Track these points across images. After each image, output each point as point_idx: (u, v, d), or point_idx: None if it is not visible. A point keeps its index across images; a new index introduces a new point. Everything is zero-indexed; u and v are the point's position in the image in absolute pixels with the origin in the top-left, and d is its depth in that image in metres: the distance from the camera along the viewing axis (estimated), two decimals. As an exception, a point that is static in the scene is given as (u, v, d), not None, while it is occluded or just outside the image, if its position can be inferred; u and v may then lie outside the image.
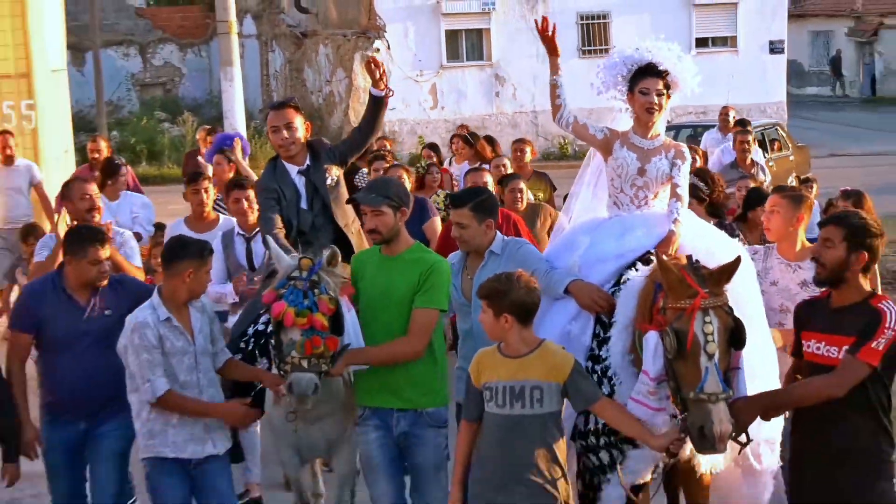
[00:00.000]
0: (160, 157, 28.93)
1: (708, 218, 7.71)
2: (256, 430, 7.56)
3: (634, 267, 5.98)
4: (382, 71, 7.10)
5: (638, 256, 6.09)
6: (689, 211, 6.48)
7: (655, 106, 6.33)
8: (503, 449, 5.20)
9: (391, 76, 7.39)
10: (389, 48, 29.08)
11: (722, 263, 5.80)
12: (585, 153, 6.92)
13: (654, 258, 5.96)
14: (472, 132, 13.15)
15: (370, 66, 7.14)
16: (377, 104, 7.17)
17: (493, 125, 28.75)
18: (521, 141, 12.09)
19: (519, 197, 9.51)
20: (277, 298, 5.72)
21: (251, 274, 7.80)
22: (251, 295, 7.40)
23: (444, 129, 28.03)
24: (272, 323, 5.83)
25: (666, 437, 5.29)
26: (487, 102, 30.83)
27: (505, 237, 6.37)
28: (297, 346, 5.62)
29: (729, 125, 15.30)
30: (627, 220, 6.37)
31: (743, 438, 5.26)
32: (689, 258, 5.34)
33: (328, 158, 7.13)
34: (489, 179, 9.26)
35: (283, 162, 7.14)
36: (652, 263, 5.87)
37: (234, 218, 8.46)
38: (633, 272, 5.94)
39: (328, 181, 7.07)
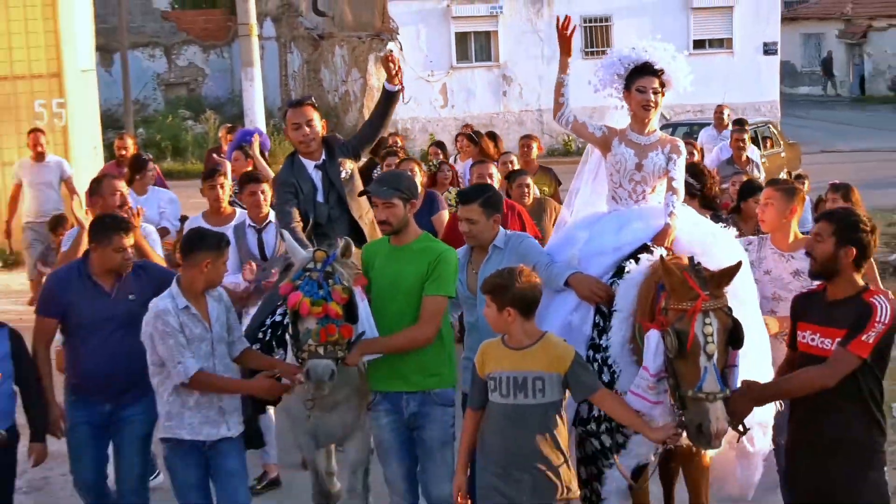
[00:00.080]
0: (184, 153, 28.88)
1: (702, 211, 7.67)
2: (271, 413, 7.53)
3: (634, 259, 5.92)
4: (398, 67, 7.13)
5: (635, 249, 6.04)
6: (684, 205, 6.45)
7: (652, 103, 6.30)
8: (506, 437, 5.17)
9: (404, 75, 7.38)
10: (402, 50, 28.97)
11: (716, 254, 5.80)
12: (587, 150, 6.89)
13: (651, 249, 5.95)
14: (475, 131, 13.10)
15: (387, 62, 7.15)
16: (389, 98, 7.22)
17: (500, 123, 28.73)
18: (527, 137, 12.05)
19: (526, 192, 9.49)
20: (293, 289, 5.69)
21: (263, 264, 7.77)
22: (268, 287, 7.37)
23: (453, 126, 27.81)
24: (289, 313, 5.80)
25: (663, 430, 5.26)
26: (495, 101, 30.80)
27: (508, 232, 6.34)
28: (313, 334, 5.60)
29: (723, 123, 15.23)
30: (625, 214, 6.34)
31: (741, 428, 5.21)
32: (690, 260, 5.28)
33: (342, 153, 7.17)
34: (494, 171, 9.23)
35: (300, 158, 7.15)
36: (652, 255, 5.84)
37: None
38: (632, 264, 5.89)
39: (342, 174, 7.08)
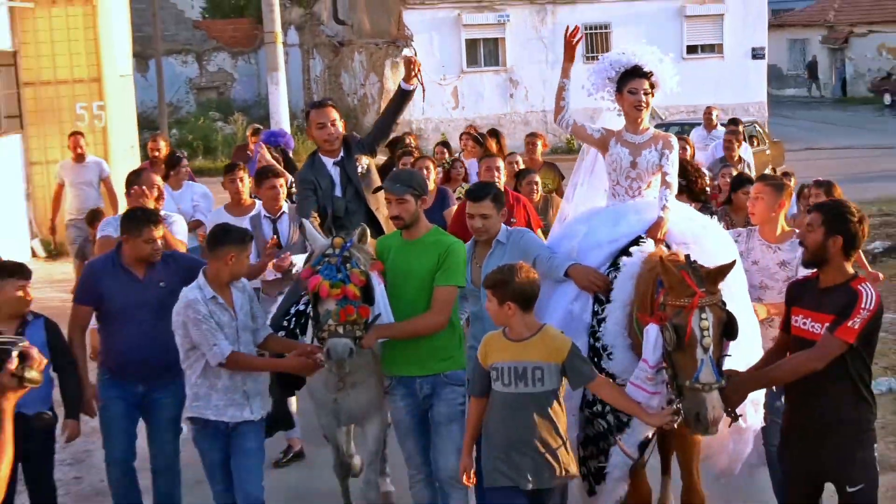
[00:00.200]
0: (214, 151, 28.90)
1: (691, 202, 7.67)
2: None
3: (628, 252, 5.87)
4: (418, 69, 7.16)
5: (630, 241, 6.00)
6: (680, 201, 6.41)
7: (643, 104, 6.26)
8: (508, 423, 5.13)
9: (423, 77, 7.39)
10: (416, 55, 28.92)
11: (707, 246, 5.80)
12: (588, 149, 6.85)
13: (644, 241, 5.90)
14: (479, 132, 13.11)
15: (409, 63, 7.18)
16: (404, 97, 7.29)
17: (507, 123, 28.72)
18: (533, 135, 11.99)
19: (535, 188, 9.54)
20: (313, 273, 5.66)
21: (278, 251, 7.74)
22: (281, 270, 7.29)
23: (464, 126, 27.22)
24: (310, 296, 5.76)
25: (659, 415, 5.23)
26: (503, 103, 30.83)
27: (509, 228, 6.30)
28: (332, 314, 5.55)
29: (712, 123, 15.25)
30: (620, 208, 6.30)
31: (734, 415, 5.14)
32: (687, 258, 5.22)
33: (359, 149, 7.24)
34: (501, 165, 9.22)
35: (320, 156, 7.14)
36: (645, 246, 5.82)
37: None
38: (627, 257, 5.84)
39: (359, 169, 7.11)
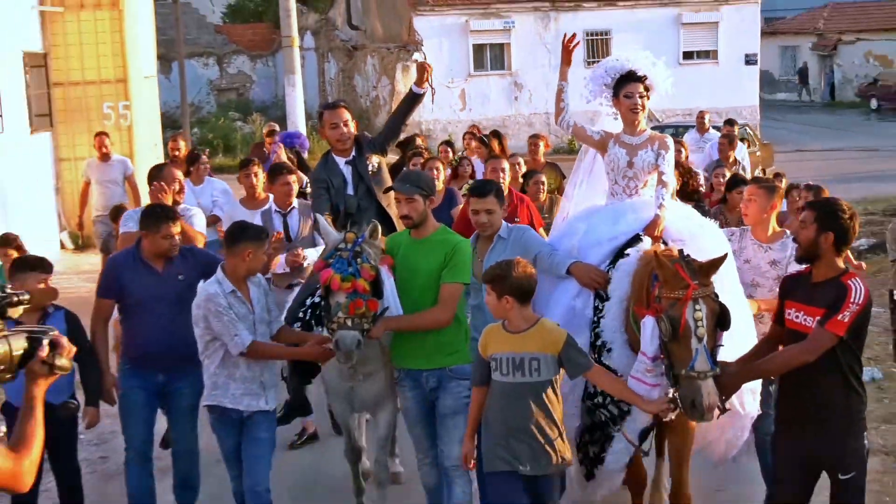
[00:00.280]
0: (234, 150, 28.90)
1: (684, 202, 7.65)
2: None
3: (625, 252, 5.84)
4: (430, 73, 7.16)
5: (629, 238, 5.97)
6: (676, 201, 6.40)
7: (639, 106, 6.25)
8: (506, 411, 5.10)
9: (433, 81, 7.41)
10: (426, 59, 28.95)
11: (703, 244, 5.76)
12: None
13: (642, 238, 5.88)
14: (483, 134, 13.10)
15: (422, 68, 7.17)
16: (415, 99, 7.30)
17: (512, 125, 28.77)
18: (535, 136, 11.95)
19: (541, 188, 9.53)
20: (325, 266, 5.62)
21: (288, 244, 7.72)
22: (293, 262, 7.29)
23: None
24: (321, 288, 5.72)
25: (656, 403, 5.20)
26: (508, 105, 30.86)
27: (510, 224, 6.26)
28: (342, 307, 5.50)
29: (704, 126, 15.29)
30: (619, 207, 6.27)
31: (724, 407, 5.12)
32: (680, 252, 5.18)
33: (370, 148, 7.25)
34: (506, 166, 9.20)
35: (333, 155, 7.12)
36: (642, 244, 5.79)
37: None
38: (624, 256, 5.81)
39: (370, 168, 7.10)
